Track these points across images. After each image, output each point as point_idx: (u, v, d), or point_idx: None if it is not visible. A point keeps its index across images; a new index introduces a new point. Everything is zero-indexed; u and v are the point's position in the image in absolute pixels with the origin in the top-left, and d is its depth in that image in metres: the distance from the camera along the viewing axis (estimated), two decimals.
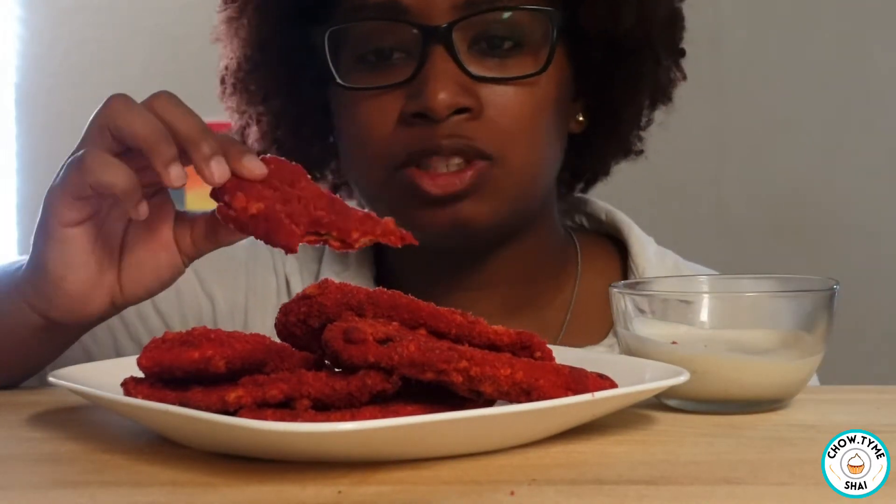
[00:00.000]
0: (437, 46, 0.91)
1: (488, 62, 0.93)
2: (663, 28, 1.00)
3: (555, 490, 0.54)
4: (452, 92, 0.90)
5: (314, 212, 0.69)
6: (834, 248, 2.43)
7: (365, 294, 0.65)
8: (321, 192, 0.71)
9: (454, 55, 0.91)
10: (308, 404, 0.58)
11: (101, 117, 0.73)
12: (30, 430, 0.69)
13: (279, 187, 0.70)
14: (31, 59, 2.58)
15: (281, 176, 0.71)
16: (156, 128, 0.71)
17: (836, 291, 0.72)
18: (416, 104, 0.91)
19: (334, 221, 0.69)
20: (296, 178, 0.71)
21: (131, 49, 2.57)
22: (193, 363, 0.60)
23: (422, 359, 0.59)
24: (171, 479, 0.56)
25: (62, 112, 2.55)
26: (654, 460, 0.59)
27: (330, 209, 0.70)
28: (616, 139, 1.05)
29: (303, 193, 0.70)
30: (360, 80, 0.95)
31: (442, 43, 0.91)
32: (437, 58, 0.91)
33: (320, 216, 0.69)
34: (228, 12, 1.02)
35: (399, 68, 0.93)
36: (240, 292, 1.05)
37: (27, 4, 2.57)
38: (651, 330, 0.72)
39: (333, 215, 0.70)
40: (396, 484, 0.54)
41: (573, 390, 0.61)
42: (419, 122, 0.91)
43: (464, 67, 0.91)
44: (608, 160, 1.08)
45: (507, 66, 0.93)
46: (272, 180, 0.71)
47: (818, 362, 0.73)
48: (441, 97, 0.90)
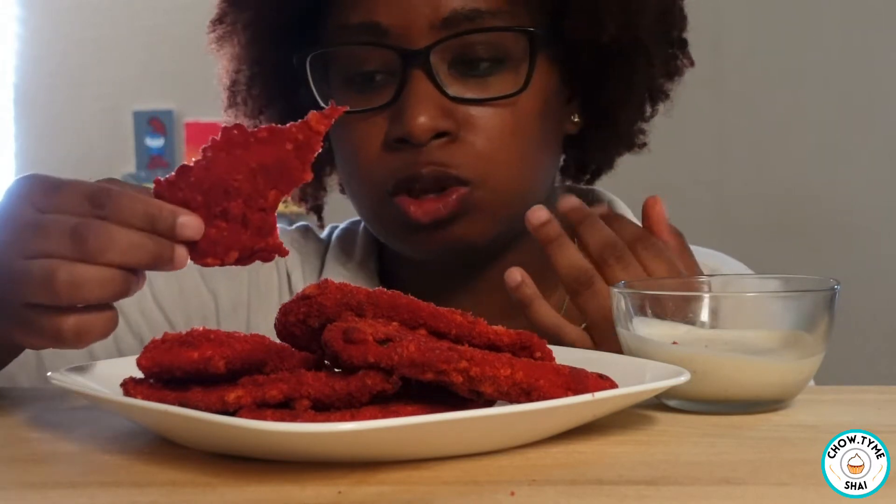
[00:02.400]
0: (416, 69, 0.91)
1: (469, 82, 0.93)
2: (653, 27, 1.00)
3: (555, 490, 0.53)
4: (432, 116, 0.90)
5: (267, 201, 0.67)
6: (834, 248, 2.43)
7: (365, 294, 0.65)
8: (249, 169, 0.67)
9: (433, 78, 0.91)
10: (308, 404, 0.58)
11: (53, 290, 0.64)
12: (29, 430, 0.69)
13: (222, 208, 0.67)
14: (29, 59, 2.58)
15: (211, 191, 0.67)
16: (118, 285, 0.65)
17: (836, 291, 0.72)
18: (398, 129, 0.91)
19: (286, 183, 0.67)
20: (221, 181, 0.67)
21: (130, 49, 2.57)
22: (193, 363, 0.60)
23: (422, 359, 0.58)
24: (170, 479, 0.56)
25: (60, 112, 2.56)
26: (654, 460, 0.59)
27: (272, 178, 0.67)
28: (615, 135, 1.05)
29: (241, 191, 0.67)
30: (348, 101, 0.95)
31: (421, 66, 0.91)
32: (416, 81, 0.91)
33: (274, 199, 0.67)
34: (218, 32, 1.02)
35: (382, 91, 0.93)
36: (242, 288, 1.04)
37: (26, 4, 2.57)
38: (651, 330, 0.72)
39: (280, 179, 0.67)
40: (396, 484, 0.54)
41: (573, 390, 0.61)
42: (402, 146, 0.92)
43: (442, 90, 0.91)
44: (611, 154, 1.08)
45: (488, 85, 0.93)
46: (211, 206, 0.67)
47: (819, 362, 0.73)
48: (420, 121, 0.90)
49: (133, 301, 1.00)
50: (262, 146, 0.67)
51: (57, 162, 2.54)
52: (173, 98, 2.57)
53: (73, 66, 2.54)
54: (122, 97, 2.57)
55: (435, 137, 0.91)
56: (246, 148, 0.67)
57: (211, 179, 0.67)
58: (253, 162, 0.67)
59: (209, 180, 0.67)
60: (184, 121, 2.64)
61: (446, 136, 0.92)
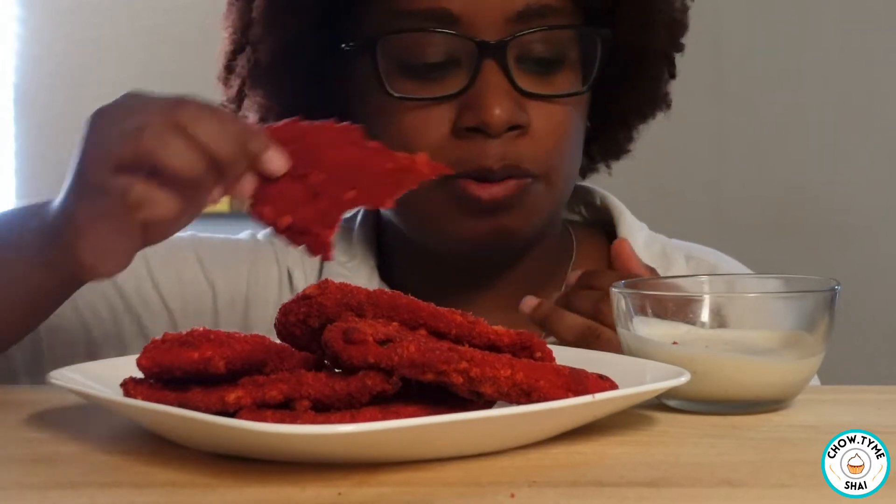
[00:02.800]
0: (489, 60, 0.91)
1: (534, 77, 0.93)
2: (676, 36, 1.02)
3: (555, 492, 0.53)
4: (508, 108, 0.91)
5: (344, 195, 0.68)
6: (834, 248, 2.43)
7: (365, 294, 0.65)
8: (348, 158, 0.69)
9: (507, 70, 0.91)
10: (308, 405, 0.58)
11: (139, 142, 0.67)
12: (28, 431, 0.69)
13: (304, 174, 0.68)
14: (29, 59, 2.58)
15: (306, 151, 0.69)
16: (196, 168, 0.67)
17: (837, 291, 0.72)
18: (473, 118, 0.91)
19: (364, 195, 0.68)
20: (320, 149, 0.69)
21: (130, 49, 2.57)
22: (193, 364, 0.60)
23: (422, 360, 0.58)
24: (170, 480, 0.56)
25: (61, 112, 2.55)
26: (654, 461, 0.59)
27: (359, 177, 0.68)
28: (611, 142, 1.07)
29: (329, 168, 0.68)
30: (405, 89, 0.94)
31: (495, 57, 0.91)
32: (490, 72, 0.91)
33: (351, 199, 0.68)
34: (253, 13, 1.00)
35: (448, 80, 0.93)
36: (241, 282, 1.04)
37: (26, 4, 2.56)
38: (651, 330, 0.71)
39: (363, 188, 0.68)
40: (396, 485, 0.54)
41: (573, 391, 0.61)
42: (474, 135, 0.91)
43: (515, 83, 0.91)
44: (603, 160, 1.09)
45: (551, 82, 0.94)
46: (297, 166, 0.68)
47: (819, 363, 0.73)
48: (497, 112, 0.90)
49: (132, 283, 0.99)
50: (367, 151, 0.69)
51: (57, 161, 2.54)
52: None
53: (73, 66, 2.54)
54: None
55: (507, 130, 0.91)
56: (354, 143, 0.68)
57: (313, 139, 0.68)
58: (354, 155, 0.68)
59: (312, 138, 0.68)
60: None
61: (518, 129, 0.92)
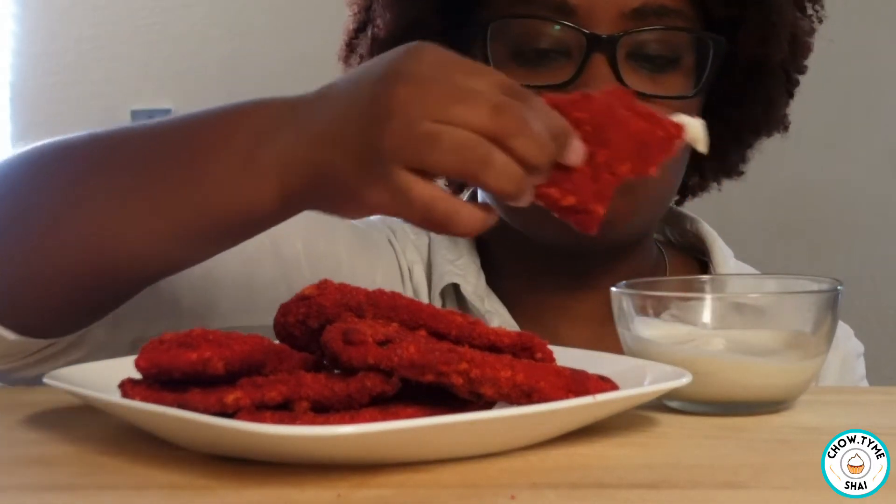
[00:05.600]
0: (598, 54, 0.91)
1: (642, 74, 0.93)
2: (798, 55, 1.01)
3: (556, 493, 0.53)
4: None
5: (620, 169, 0.68)
6: (835, 249, 2.43)
7: (364, 295, 0.65)
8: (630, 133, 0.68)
9: (614, 65, 0.91)
10: (307, 406, 0.57)
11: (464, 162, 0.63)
12: (25, 432, 0.68)
13: (592, 151, 0.67)
14: (26, 57, 2.57)
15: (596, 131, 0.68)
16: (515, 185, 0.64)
17: (839, 292, 0.71)
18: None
19: (638, 166, 0.68)
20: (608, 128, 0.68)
21: (128, 48, 2.56)
22: (191, 364, 0.60)
23: (422, 360, 0.58)
24: (168, 481, 0.56)
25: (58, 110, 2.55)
26: (655, 463, 0.59)
27: (635, 149, 0.68)
28: (724, 160, 1.05)
29: (613, 147, 0.68)
30: (511, 75, 0.93)
31: (605, 52, 0.91)
32: (597, 65, 0.91)
33: (625, 172, 0.68)
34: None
35: (554, 69, 0.92)
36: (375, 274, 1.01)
37: (23, 2, 2.56)
38: (653, 331, 0.71)
39: (637, 158, 0.68)
40: (396, 487, 0.54)
41: (574, 392, 0.61)
42: None
43: (621, 79, 0.91)
44: (709, 176, 1.08)
45: (659, 82, 0.93)
46: (587, 144, 0.67)
47: (821, 364, 0.72)
48: None
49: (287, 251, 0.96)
50: (641, 119, 0.68)
51: None
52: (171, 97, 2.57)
53: (71, 65, 2.54)
54: (119, 96, 2.57)
55: None
56: (629, 109, 0.68)
57: (603, 118, 0.68)
58: (632, 127, 0.68)
59: (602, 118, 0.68)
60: None
61: None
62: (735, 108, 1.01)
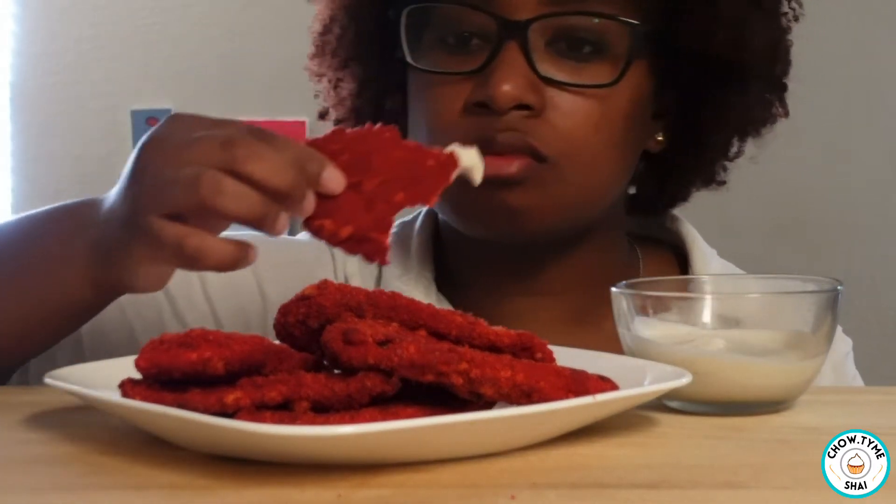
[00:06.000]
0: (512, 40, 0.90)
1: (564, 64, 0.91)
2: (762, 58, 0.97)
3: (556, 493, 0.53)
4: (517, 86, 0.88)
5: (394, 198, 0.68)
6: (834, 248, 2.43)
7: (364, 295, 0.65)
8: (395, 160, 0.70)
9: (527, 52, 0.89)
10: (307, 406, 0.57)
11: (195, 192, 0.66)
12: (26, 432, 0.68)
13: (358, 182, 0.69)
14: (26, 57, 2.57)
15: (356, 160, 0.69)
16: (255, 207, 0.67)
17: (839, 292, 0.71)
18: (480, 94, 0.89)
19: (413, 195, 0.69)
20: (369, 155, 0.70)
21: (128, 48, 2.56)
22: (191, 364, 0.60)
23: (422, 360, 0.58)
24: (169, 481, 0.56)
25: (58, 111, 2.55)
26: (655, 463, 0.59)
27: (407, 178, 0.69)
28: (697, 165, 1.02)
29: (380, 173, 0.69)
30: (437, 61, 0.93)
31: (517, 38, 0.89)
32: (509, 51, 0.89)
33: (401, 201, 0.68)
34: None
35: (475, 56, 0.91)
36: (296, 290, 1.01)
37: (23, 2, 2.56)
38: (653, 331, 0.71)
39: (411, 189, 0.69)
40: (396, 487, 0.54)
41: (574, 392, 0.61)
42: (480, 111, 0.90)
43: (534, 66, 0.90)
44: (688, 185, 1.05)
45: (582, 72, 0.91)
46: (349, 173, 0.69)
47: (821, 364, 0.72)
48: (505, 89, 0.88)
49: (183, 288, 0.98)
50: (407, 150, 0.70)
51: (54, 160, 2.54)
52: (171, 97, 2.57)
53: (71, 65, 2.53)
54: (119, 96, 2.57)
55: (517, 109, 0.89)
56: (393, 142, 0.70)
57: (362, 146, 0.69)
58: (398, 154, 0.69)
59: (360, 146, 0.69)
60: None
61: (528, 110, 0.89)
62: (706, 111, 0.98)
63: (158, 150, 0.71)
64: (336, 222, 0.68)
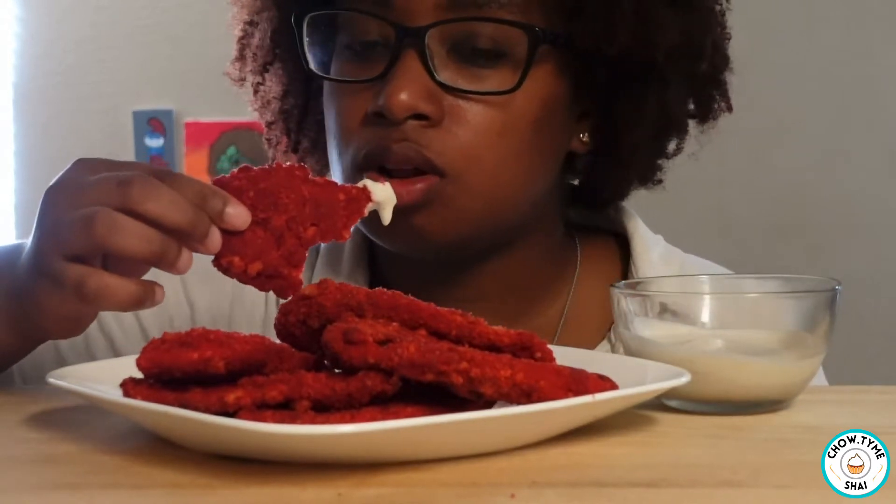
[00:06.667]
0: (409, 48, 0.88)
1: (466, 71, 0.89)
2: (674, 53, 0.93)
3: (555, 492, 0.53)
4: (413, 95, 0.86)
5: (305, 233, 0.69)
6: (834, 248, 2.43)
7: (365, 294, 0.65)
8: (304, 196, 0.70)
9: (424, 59, 0.87)
10: (308, 405, 0.58)
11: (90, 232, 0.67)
12: (27, 431, 0.69)
13: (266, 218, 0.69)
14: (29, 59, 2.58)
15: (263, 197, 0.70)
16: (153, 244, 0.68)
17: (837, 291, 0.72)
18: (376, 103, 0.88)
19: (325, 230, 0.70)
20: (277, 192, 0.70)
21: (129, 49, 2.56)
22: (193, 364, 0.60)
23: (422, 360, 0.58)
24: (170, 480, 0.56)
25: (60, 112, 2.55)
26: (654, 462, 0.59)
27: (317, 214, 0.70)
28: (627, 164, 0.99)
29: (289, 209, 0.69)
30: (343, 68, 0.92)
31: (414, 45, 0.88)
32: (407, 59, 0.88)
33: (312, 236, 0.69)
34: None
35: (377, 64, 0.89)
36: (225, 301, 1.01)
37: (25, 4, 2.56)
38: (652, 331, 0.71)
39: (322, 223, 0.70)
40: (396, 486, 0.54)
41: (574, 392, 0.61)
42: (378, 121, 0.88)
43: (432, 73, 0.88)
44: (621, 184, 1.02)
45: (485, 78, 0.89)
46: (256, 210, 0.69)
47: (820, 363, 0.73)
48: (400, 98, 0.86)
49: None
50: (318, 186, 0.70)
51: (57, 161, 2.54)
52: (173, 98, 2.57)
53: (73, 66, 2.54)
54: (121, 97, 2.57)
55: (414, 119, 0.87)
56: (303, 181, 0.70)
57: (267, 183, 0.69)
58: (306, 191, 0.70)
59: (266, 182, 0.69)
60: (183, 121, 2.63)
61: (426, 120, 0.87)
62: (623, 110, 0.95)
63: (61, 193, 0.71)
64: (245, 259, 0.69)
